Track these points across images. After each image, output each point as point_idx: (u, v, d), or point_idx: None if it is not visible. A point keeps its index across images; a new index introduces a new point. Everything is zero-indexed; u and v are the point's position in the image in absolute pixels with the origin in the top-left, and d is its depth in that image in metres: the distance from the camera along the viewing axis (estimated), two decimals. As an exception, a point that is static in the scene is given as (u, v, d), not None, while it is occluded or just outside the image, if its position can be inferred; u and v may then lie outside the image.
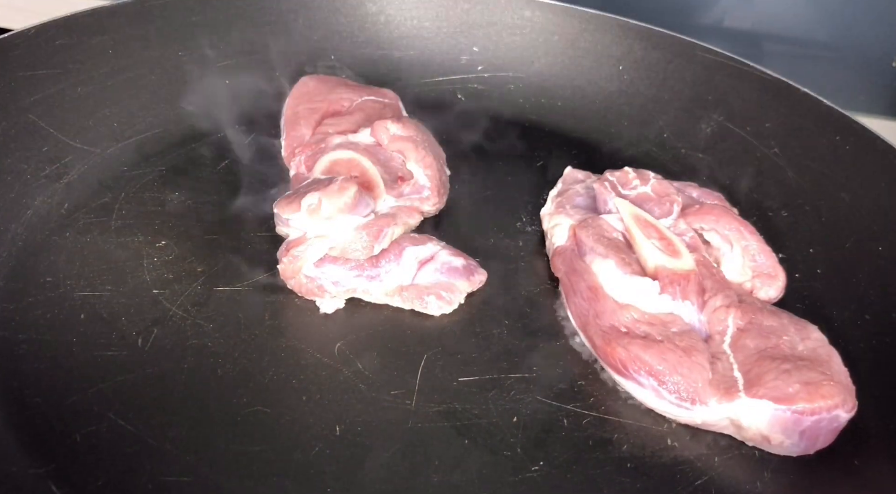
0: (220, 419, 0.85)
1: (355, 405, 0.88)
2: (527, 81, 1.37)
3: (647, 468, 0.86)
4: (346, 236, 0.97)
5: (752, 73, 1.26)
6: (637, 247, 1.00)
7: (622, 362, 0.92)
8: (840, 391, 0.86)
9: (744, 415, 0.87)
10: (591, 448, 0.87)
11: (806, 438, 0.87)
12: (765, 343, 0.92)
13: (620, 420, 0.90)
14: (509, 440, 0.87)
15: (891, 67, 1.41)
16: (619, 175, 1.10)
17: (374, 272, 0.98)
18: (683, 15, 1.47)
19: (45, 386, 0.85)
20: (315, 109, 1.17)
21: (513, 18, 1.38)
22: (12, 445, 0.80)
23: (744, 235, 1.01)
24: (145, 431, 0.83)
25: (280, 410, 0.86)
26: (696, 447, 0.89)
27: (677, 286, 0.96)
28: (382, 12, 1.38)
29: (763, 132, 1.24)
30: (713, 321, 0.95)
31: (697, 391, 0.88)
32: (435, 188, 1.08)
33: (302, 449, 0.83)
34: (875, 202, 1.10)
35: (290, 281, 0.97)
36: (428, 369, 0.93)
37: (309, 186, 0.99)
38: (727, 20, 1.47)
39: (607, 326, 0.95)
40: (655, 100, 1.32)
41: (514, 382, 0.93)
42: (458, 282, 1.00)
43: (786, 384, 0.86)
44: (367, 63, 1.36)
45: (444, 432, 0.87)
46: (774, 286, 1.00)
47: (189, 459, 0.81)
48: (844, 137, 1.16)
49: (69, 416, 0.83)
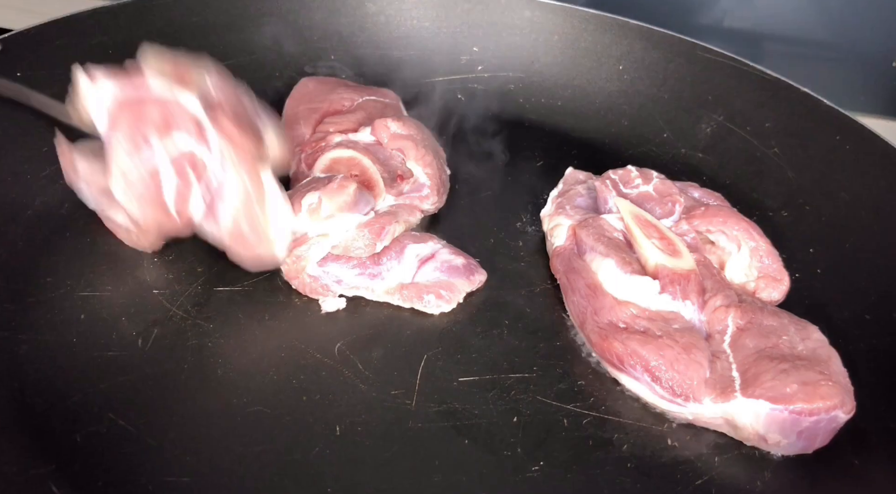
0: (219, 420, 0.85)
1: (355, 405, 0.88)
2: (527, 81, 1.37)
3: (648, 468, 0.86)
4: (347, 234, 0.97)
5: (752, 73, 1.26)
6: (637, 246, 1.00)
7: (618, 356, 0.92)
8: (839, 391, 0.86)
9: (739, 415, 0.87)
10: (591, 448, 0.87)
11: (804, 438, 0.87)
12: (764, 343, 0.92)
13: (620, 420, 0.90)
14: (509, 440, 0.87)
15: (891, 66, 1.41)
16: (621, 174, 1.10)
17: (376, 270, 0.98)
18: (683, 15, 1.47)
19: (45, 387, 0.86)
20: (315, 109, 1.17)
21: (513, 18, 1.38)
22: (13, 445, 0.80)
23: (752, 236, 1.01)
24: (145, 431, 0.83)
25: (280, 410, 0.87)
26: (697, 446, 0.89)
27: (677, 286, 0.96)
28: (382, 12, 1.38)
29: (763, 132, 1.24)
30: (713, 321, 0.95)
31: (692, 389, 0.89)
32: (435, 187, 1.08)
33: (302, 449, 0.83)
34: (875, 202, 1.10)
35: (293, 281, 0.97)
36: (428, 369, 0.93)
37: (307, 185, 0.99)
38: (727, 20, 1.47)
39: (605, 322, 0.95)
40: (655, 100, 1.32)
41: (514, 382, 0.93)
42: (458, 281, 1.00)
43: (783, 384, 0.86)
44: (366, 63, 1.36)
45: (444, 432, 0.87)
46: (778, 289, 1.00)
47: (189, 459, 0.81)
48: (844, 137, 1.17)
49: (70, 416, 0.83)
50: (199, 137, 0.90)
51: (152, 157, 0.91)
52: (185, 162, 0.92)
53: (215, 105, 0.90)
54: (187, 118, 0.90)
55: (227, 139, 0.89)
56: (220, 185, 0.91)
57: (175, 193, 0.93)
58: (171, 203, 0.94)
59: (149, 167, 0.92)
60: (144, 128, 0.90)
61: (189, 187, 0.93)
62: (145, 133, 0.90)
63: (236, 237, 0.93)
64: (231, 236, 0.93)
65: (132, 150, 0.91)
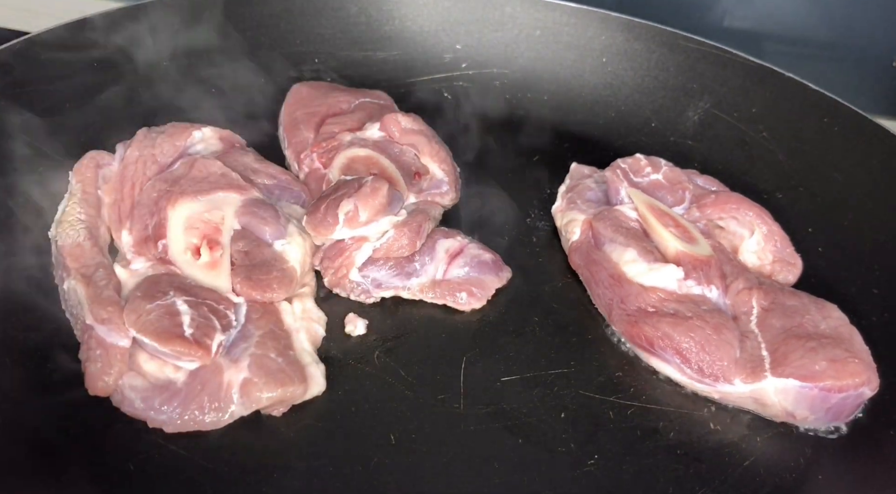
0: (272, 436, 0.84)
1: (405, 412, 0.87)
2: (512, 77, 1.37)
3: (697, 453, 0.88)
4: (387, 235, 0.97)
5: (735, 60, 1.29)
6: (656, 235, 1.01)
7: (648, 339, 0.94)
8: (865, 369, 0.89)
9: (768, 393, 0.89)
10: (640, 439, 0.88)
11: (831, 413, 0.90)
12: (789, 322, 0.94)
13: (662, 408, 0.92)
14: (561, 436, 0.87)
15: (891, 66, 1.45)
16: (630, 163, 1.12)
17: (411, 268, 0.98)
18: (683, 15, 1.48)
19: (90, 415, 0.83)
20: (313, 112, 1.16)
21: (494, 14, 1.38)
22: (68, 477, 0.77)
23: (765, 220, 1.04)
24: (198, 454, 0.81)
25: (331, 424, 0.85)
26: (737, 428, 0.91)
27: (700, 272, 0.98)
28: (363, 13, 1.36)
29: (750, 117, 1.27)
30: (737, 303, 0.97)
31: (723, 370, 0.91)
32: (452, 182, 1.08)
33: (361, 462, 0.82)
34: (869, 180, 1.14)
35: (335, 289, 0.97)
36: (469, 370, 0.92)
37: (336, 191, 0.97)
38: (727, 20, 1.49)
39: (634, 309, 0.96)
40: (641, 90, 1.33)
41: (555, 378, 0.93)
42: (488, 278, 1.00)
43: (812, 361, 0.89)
44: (351, 65, 1.34)
45: (497, 433, 0.87)
46: (793, 273, 1.03)
47: (249, 479, 0.79)
48: (833, 119, 1.20)
49: (120, 445, 0.81)
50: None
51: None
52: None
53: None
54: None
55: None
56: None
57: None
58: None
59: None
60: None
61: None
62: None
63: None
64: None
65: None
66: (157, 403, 0.82)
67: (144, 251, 0.93)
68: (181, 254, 0.91)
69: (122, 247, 0.95)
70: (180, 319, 0.84)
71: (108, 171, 1.01)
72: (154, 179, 0.98)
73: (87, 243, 0.92)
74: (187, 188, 0.95)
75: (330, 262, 0.95)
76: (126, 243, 0.95)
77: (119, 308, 0.85)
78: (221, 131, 1.07)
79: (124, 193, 0.97)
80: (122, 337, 0.84)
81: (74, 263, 0.89)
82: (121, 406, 0.82)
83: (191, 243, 0.92)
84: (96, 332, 0.84)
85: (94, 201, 0.97)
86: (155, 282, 0.88)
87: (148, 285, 0.87)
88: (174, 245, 0.92)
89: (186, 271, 0.91)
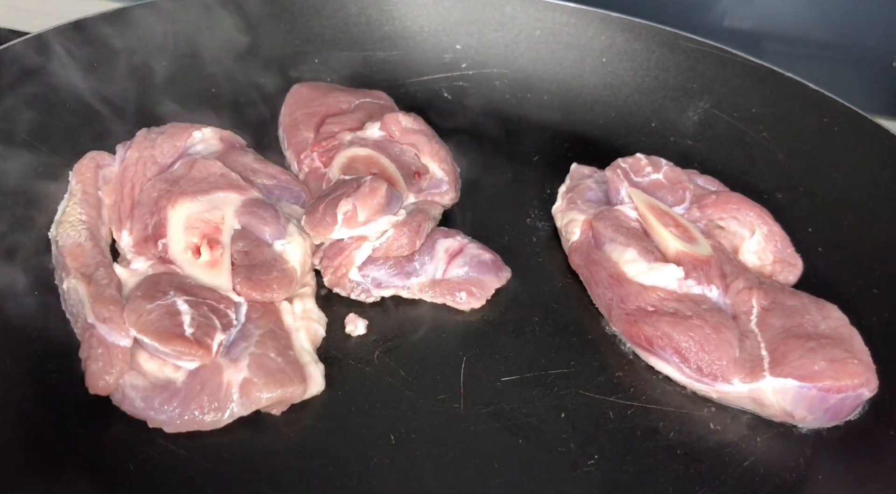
0: (272, 436, 0.84)
1: (405, 412, 0.87)
2: (511, 77, 1.37)
3: (697, 453, 0.88)
4: (387, 234, 0.97)
5: (735, 60, 1.29)
6: (656, 235, 1.01)
7: (647, 338, 0.94)
8: (864, 370, 0.89)
9: (766, 393, 0.89)
10: (640, 439, 0.88)
11: (830, 414, 0.90)
12: (789, 322, 0.94)
13: (663, 408, 0.92)
14: (561, 436, 0.87)
15: (891, 66, 1.45)
16: (631, 162, 1.12)
17: (411, 267, 0.98)
18: (683, 15, 1.48)
19: (90, 415, 0.83)
20: (314, 112, 1.16)
21: (494, 14, 1.38)
22: (68, 477, 0.77)
23: (766, 220, 1.04)
24: (198, 454, 0.81)
25: (331, 424, 0.85)
26: (737, 428, 0.91)
27: (700, 271, 0.98)
28: (363, 13, 1.36)
29: (750, 117, 1.27)
30: (737, 303, 0.97)
31: (722, 370, 0.91)
32: (451, 182, 1.08)
33: (360, 461, 0.82)
34: (869, 179, 1.14)
35: (335, 288, 0.97)
36: (469, 371, 0.93)
37: (335, 191, 0.97)
38: (727, 20, 1.49)
39: (633, 308, 0.96)
40: (641, 90, 1.33)
41: (555, 378, 0.93)
42: (487, 278, 1.00)
43: (811, 362, 0.88)
44: (350, 65, 1.34)
45: (496, 433, 0.87)
46: (793, 273, 1.03)
47: (249, 479, 0.79)
48: (832, 119, 1.20)
49: (120, 445, 0.81)
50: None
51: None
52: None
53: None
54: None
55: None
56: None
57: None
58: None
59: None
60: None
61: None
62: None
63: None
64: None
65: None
66: (157, 403, 0.82)
67: (144, 251, 0.93)
68: (181, 253, 0.91)
69: (122, 247, 0.95)
70: (181, 318, 0.84)
71: (109, 171, 1.01)
72: (154, 179, 0.98)
73: (87, 243, 0.92)
74: (187, 188, 0.95)
75: (329, 261, 0.95)
76: (126, 243, 0.95)
77: (120, 307, 0.85)
78: (221, 132, 1.07)
79: (124, 193, 0.97)
80: (123, 337, 0.84)
81: (75, 262, 0.90)
82: (121, 405, 0.82)
83: (191, 243, 0.92)
84: (97, 331, 0.84)
85: (94, 202, 0.97)
86: (155, 282, 0.88)
87: (148, 285, 0.87)
88: (174, 244, 0.92)
89: (187, 271, 0.91)
